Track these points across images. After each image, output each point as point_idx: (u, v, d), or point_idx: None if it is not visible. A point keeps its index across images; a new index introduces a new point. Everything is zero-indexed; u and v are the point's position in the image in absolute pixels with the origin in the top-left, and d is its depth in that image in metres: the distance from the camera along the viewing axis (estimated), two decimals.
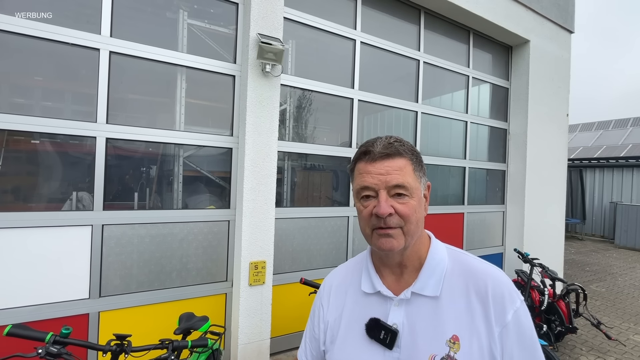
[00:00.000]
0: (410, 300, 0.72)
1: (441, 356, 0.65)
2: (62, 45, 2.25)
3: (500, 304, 0.67)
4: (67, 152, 2.34)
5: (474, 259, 0.75)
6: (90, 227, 2.34)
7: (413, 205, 0.70)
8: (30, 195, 2.25)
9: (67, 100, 2.39)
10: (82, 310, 2.32)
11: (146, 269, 2.55)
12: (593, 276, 6.46)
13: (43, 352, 1.10)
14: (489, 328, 0.65)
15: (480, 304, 0.68)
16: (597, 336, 3.77)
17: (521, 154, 4.81)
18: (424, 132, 4.12)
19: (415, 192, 0.71)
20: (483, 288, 0.69)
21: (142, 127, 2.52)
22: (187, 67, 2.71)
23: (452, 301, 0.69)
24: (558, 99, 5.14)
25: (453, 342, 0.66)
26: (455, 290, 0.70)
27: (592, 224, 11.18)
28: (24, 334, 1.11)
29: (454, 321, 0.68)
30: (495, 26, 4.38)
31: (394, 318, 0.72)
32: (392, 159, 0.71)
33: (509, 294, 0.68)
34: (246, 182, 2.66)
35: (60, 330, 1.18)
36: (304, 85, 3.22)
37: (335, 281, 0.87)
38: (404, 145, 0.74)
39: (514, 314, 0.66)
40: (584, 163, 11.94)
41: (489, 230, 4.86)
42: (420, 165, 0.75)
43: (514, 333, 0.65)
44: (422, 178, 0.75)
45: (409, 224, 0.70)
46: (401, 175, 0.69)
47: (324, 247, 3.39)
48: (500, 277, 0.70)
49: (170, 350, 1.32)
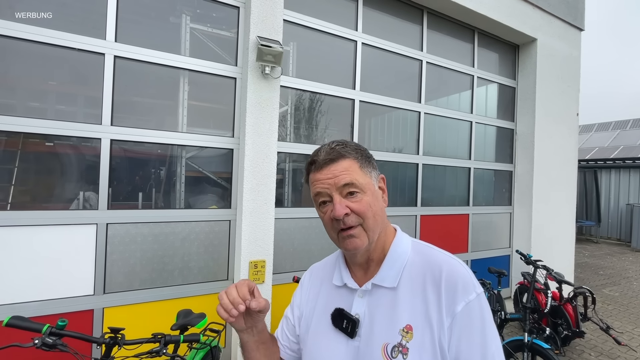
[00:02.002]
0: (372, 291, 0.74)
1: (393, 344, 0.67)
2: (69, 51, 2.34)
3: (453, 294, 0.67)
4: (74, 154, 2.43)
5: (438, 251, 0.76)
6: (95, 225, 2.42)
7: (367, 201, 0.72)
8: (38, 195, 2.35)
9: (73, 103, 2.48)
10: (87, 306, 2.40)
11: (149, 267, 2.61)
12: (607, 280, 6.28)
13: (39, 342, 1.15)
14: (440, 318, 0.66)
15: (435, 293, 0.68)
16: (607, 341, 3.66)
17: (529, 155, 4.73)
18: (428, 132, 4.10)
19: (367, 187, 0.74)
20: (437, 276, 0.69)
21: (145, 129, 2.59)
22: (189, 70, 2.78)
23: (409, 292, 0.71)
24: (567, 98, 5.03)
25: (406, 332, 0.67)
26: (414, 281, 0.71)
27: (608, 226, 10.85)
28: (22, 325, 1.17)
29: (409, 311, 0.69)
30: (501, 25, 4.33)
31: (356, 308, 0.74)
32: (337, 162, 0.74)
33: (464, 284, 0.67)
34: (246, 182, 2.70)
35: (57, 322, 1.23)
36: (305, 87, 3.25)
37: (313, 275, 0.91)
38: (347, 147, 0.77)
39: (465, 305, 0.65)
40: (599, 164, 11.61)
41: (496, 232, 4.78)
42: (368, 161, 0.78)
43: (463, 325, 0.65)
44: (373, 172, 0.78)
45: (367, 219, 0.72)
46: (348, 175, 0.72)
47: (325, 247, 3.40)
48: (456, 267, 0.70)
49: (163, 344, 1.36)
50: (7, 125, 2.17)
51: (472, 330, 0.65)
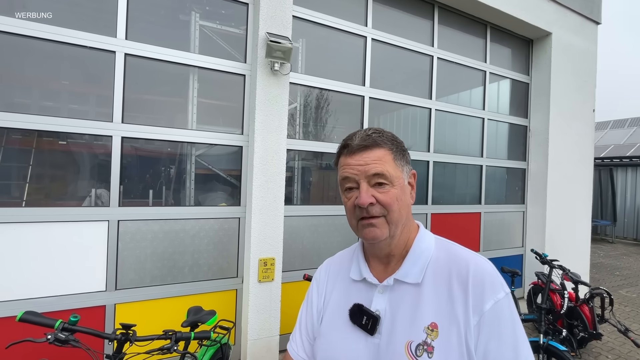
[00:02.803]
0: (393, 287, 0.71)
1: (417, 342, 0.64)
2: (80, 49, 2.36)
3: (480, 292, 0.64)
4: (86, 151, 2.45)
5: (462, 249, 0.73)
6: (107, 222, 2.44)
7: (395, 194, 0.70)
8: (51, 192, 2.38)
9: (85, 101, 2.50)
10: (99, 302, 2.42)
11: (159, 264, 2.63)
12: (623, 281, 6.11)
13: (52, 338, 1.15)
14: (467, 316, 0.63)
15: (462, 290, 0.66)
16: (625, 343, 3.55)
17: (543, 152, 4.61)
18: (439, 129, 4.03)
19: (397, 180, 0.71)
20: (464, 274, 0.67)
21: (155, 127, 2.60)
22: (198, 67, 2.78)
23: (434, 289, 0.68)
24: (583, 93, 4.89)
25: (431, 330, 0.65)
26: (439, 277, 0.69)
27: (624, 226, 10.56)
28: (35, 320, 1.18)
29: (434, 308, 0.66)
30: (514, 19, 4.22)
31: (377, 304, 0.72)
32: (371, 149, 0.71)
33: (491, 282, 0.65)
34: (255, 179, 2.69)
35: (69, 318, 1.24)
36: (314, 84, 3.22)
37: (326, 269, 0.89)
38: (383, 136, 0.74)
39: (494, 304, 0.63)
40: (614, 162, 11.30)
41: (508, 230, 4.69)
42: (402, 154, 0.75)
43: (491, 324, 0.62)
44: (405, 166, 0.75)
45: (392, 212, 0.69)
46: (380, 165, 0.70)
47: (334, 245, 3.37)
48: (483, 265, 0.68)
49: (174, 340, 1.36)
50: (21, 122, 2.19)
51: (502, 330, 0.62)
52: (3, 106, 2.19)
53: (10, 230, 2.16)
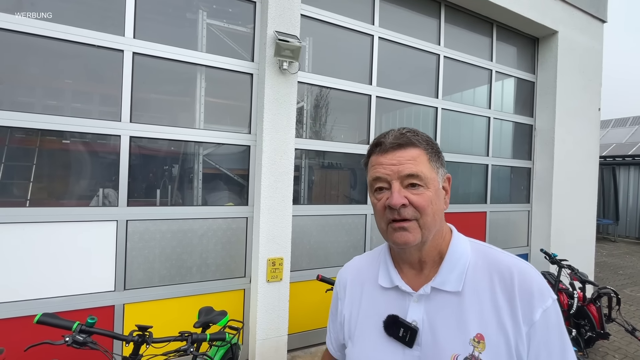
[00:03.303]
0: (430, 296, 0.68)
1: (464, 356, 0.62)
2: (89, 48, 2.34)
3: (529, 300, 0.62)
4: (94, 151, 2.44)
5: (501, 252, 0.71)
6: (116, 222, 2.43)
7: (429, 196, 0.66)
8: (60, 192, 2.36)
9: (93, 100, 2.49)
10: (108, 302, 2.41)
11: (168, 264, 2.62)
12: (627, 280, 6.10)
13: (70, 340, 1.14)
14: (517, 326, 0.61)
15: (507, 299, 0.63)
16: (632, 343, 3.55)
17: (548, 151, 4.60)
18: (445, 128, 4.01)
19: (432, 182, 0.68)
20: (509, 283, 0.64)
21: (163, 126, 2.59)
22: (206, 66, 2.76)
23: (476, 297, 0.65)
24: (589, 92, 4.87)
25: (477, 341, 0.62)
26: (480, 285, 0.66)
27: (626, 225, 10.55)
28: (53, 322, 1.17)
29: (478, 318, 0.64)
30: (521, 17, 4.20)
31: (413, 315, 0.69)
32: (405, 149, 0.68)
33: (539, 290, 0.63)
34: (264, 179, 2.68)
35: (86, 320, 1.23)
36: (321, 83, 3.20)
37: (350, 274, 0.85)
38: (418, 135, 0.71)
39: (543, 312, 0.62)
40: (617, 160, 11.27)
41: (514, 230, 4.68)
42: (437, 155, 0.72)
43: (542, 333, 0.61)
44: (440, 169, 0.71)
45: (425, 215, 0.66)
46: (414, 165, 0.67)
47: (342, 245, 3.37)
48: (529, 271, 0.66)
49: (190, 342, 1.35)
50: (28, 122, 2.18)
51: (551, 338, 0.62)
52: (10, 105, 2.18)
53: (18, 230, 2.15)
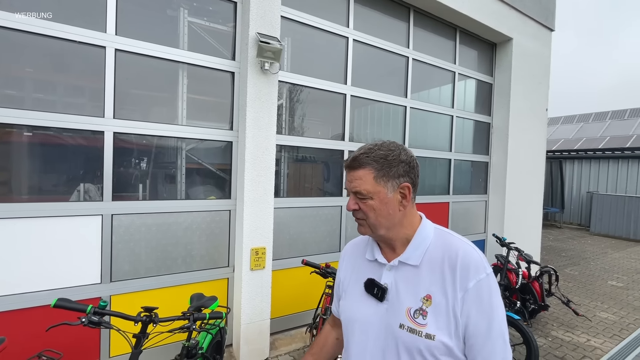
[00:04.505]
0: (398, 267, 0.92)
1: (415, 308, 0.86)
2: (71, 44, 2.35)
3: (466, 273, 0.83)
4: (78, 146, 2.46)
5: (455, 237, 0.92)
6: (101, 216, 2.49)
7: (371, 205, 0.88)
8: (44, 187, 2.38)
9: (75, 96, 2.49)
10: (94, 294, 2.48)
11: (153, 256, 2.71)
12: (568, 261, 6.91)
13: (86, 320, 1.27)
14: (454, 291, 0.83)
15: (451, 272, 0.85)
16: (567, 313, 4.13)
17: (503, 147, 5.10)
18: (413, 125, 4.34)
19: (376, 194, 0.88)
20: (454, 259, 0.85)
21: (147, 122, 2.65)
22: (188, 64, 2.84)
23: (429, 269, 0.88)
24: (538, 94, 5.43)
25: (426, 299, 0.85)
26: (434, 260, 0.88)
27: (570, 212, 11.76)
28: (68, 306, 1.28)
29: (429, 284, 0.86)
30: (481, 24, 4.60)
31: (385, 279, 0.93)
32: (354, 170, 0.90)
33: (475, 266, 0.84)
34: (247, 174, 2.83)
35: (99, 303, 1.35)
36: (299, 82, 3.37)
37: (350, 250, 1.11)
38: (370, 156, 0.89)
39: (476, 283, 0.82)
40: (564, 155, 12.46)
41: (473, 218, 5.17)
42: (387, 171, 0.88)
43: (473, 298, 0.82)
44: (390, 182, 0.88)
45: (369, 218, 0.90)
46: (359, 184, 0.89)
47: (319, 235, 3.60)
48: (471, 252, 0.87)
49: (192, 320, 1.51)
50: (10, 117, 2.18)
51: (481, 301, 0.82)
52: None
53: (1, 226, 2.16)
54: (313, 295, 3.54)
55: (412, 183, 0.91)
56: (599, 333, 3.72)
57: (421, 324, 0.83)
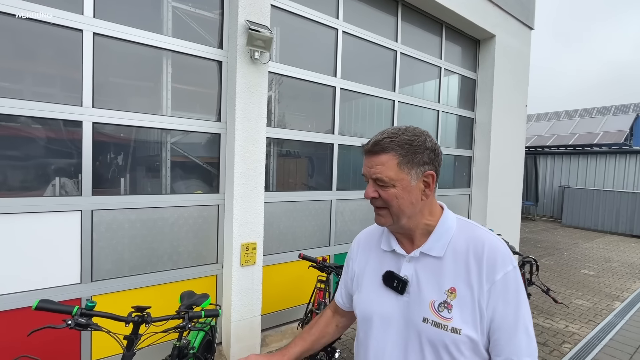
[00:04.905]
0: (419, 258, 0.88)
1: (439, 302, 0.83)
2: (44, 26, 2.17)
3: (493, 265, 0.80)
4: (53, 137, 2.29)
5: (480, 228, 0.89)
6: (80, 212, 2.33)
7: (394, 193, 0.83)
8: (14, 182, 2.19)
9: (51, 83, 2.31)
10: (74, 295, 2.33)
11: (138, 253, 2.58)
12: (543, 251, 7.23)
13: (72, 323, 1.17)
14: (480, 284, 0.80)
15: (476, 264, 0.82)
16: (546, 301, 4.31)
17: (486, 142, 5.23)
18: (401, 120, 4.36)
19: (399, 182, 0.83)
20: (480, 251, 0.82)
21: (128, 112, 2.50)
22: (172, 51, 2.70)
23: (453, 261, 0.84)
24: (519, 91, 5.60)
25: (450, 292, 0.82)
26: (458, 252, 0.85)
27: (544, 205, 12.31)
28: (51, 308, 1.17)
29: (453, 276, 0.83)
30: (466, 20, 4.66)
31: (405, 271, 0.89)
32: (377, 155, 0.84)
33: (502, 258, 0.81)
34: (237, 167, 2.74)
35: (86, 304, 1.25)
36: (288, 73, 3.29)
37: (363, 240, 1.06)
38: (394, 140, 0.83)
39: (503, 275, 0.79)
40: (538, 150, 12.99)
41: (457, 211, 5.25)
42: (411, 157, 0.83)
43: (500, 290, 0.79)
44: (414, 169, 0.84)
45: (391, 207, 0.85)
46: (381, 171, 0.83)
47: (309, 229, 3.56)
48: (497, 244, 0.84)
49: (187, 319, 1.44)
50: None
51: (508, 295, 0.79)
52: None
53: None
54: (303, 291, 3.50)
55: (435, 171, 0.87)
56: (575, 319, 3.90)
57: (446, 317, 0.80)
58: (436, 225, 0.89)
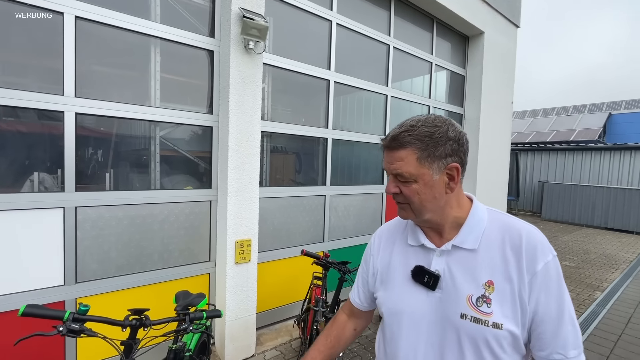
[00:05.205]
0: (451, 251, 0.84)
1: (477, 296, 0.78)
2: (21, 7, 1.99)
3: (532, 255, 0.77)
4: (31, 129, 2.11)
5: (513, 218, 0.85)
6: (62, 209, 2.17)
7: (415, 189, 0.81)
8: None
9: (28, 70, 2.13)
10: (57, 297, 2.18)
11: (126, 252, 2.44)
12: None
13: (64, 329, 1.06)
14: (521, 275, 0.76)
15: (514, 255, 0.78)
16: None
17: (474, 138, 5.30)
18: (393, 115, 4.34)
19: (419, 177, 0.80)
20: (518, 242, 0.78)
21: (114, 102, 2.35)
22: (161, 38, 2.55)
23: (488, 253, 0.80)
24: (505, 87, 5.70)
25: (488, 286, 0.78)
26: (493, 244, 0.81)
27: (524, 200, 12.71)
28: (40, 313, 1.06)
29: (489, 269, 0.79)
30: (456, 16, 4.68)
31: (436, 265, 0.85)
32: (396, 150, 0.81)
33: (542, 248, 0.78)
34: (230, 161, 2.63)
35: (79, 307, 1.14)
36: (281, 65, 3.19)
37: (384, 236, 1.01)
38: (413, 134, 0.79)
39: (544, 265, 0.76)
40: (519, 147, 13.38)
41: None
42: (432, 151, 0.79)
43: (541, 281, 0.75)
44: (436, 163, 0.80)
45: (412, 203, 0.82)
46: (400, 166, 0.81)
47: (303, 225, 3.49)
48: (535, 233, 0.80)
49: (189, 321, 1.35)
50: None
51: (550, 285, 0.76)
52: None
53: None
54: (297, 288, 3.45)
55: (460, 162, 0.82)
56: None
57: (486, 312, 0.76)
58: (466, 217, 0.85)
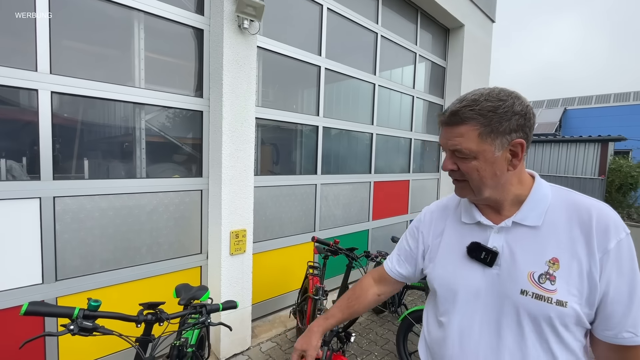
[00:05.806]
0: (511, 228, 0.82)
1: (540, 273, 0.76)
2: None
3: (604, 233, 0.73)
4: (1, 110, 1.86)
5: (580, 195, 0.81)
6: (39, 199, 1.95)
7: (474, 165, 0.79)
8: None
9: None
10: (34, 297, 1.97)
11: (111, 246, 2.26)
12: None
13: (75, 328, 0.93)
14: (591, 253, 0.73)
15: (584, 233, 0.75)
16: None
17: None
18: (380, 104, 4.35)
19: (480, 153, 0.77)
20: (587, 220, 0.75)
21: (94, 81, 2.13)
22: (145, 12, 2.34)
23: (553, 231, 0.77)
24: (482, 80, 5.91)
25: (552, 263, 0.75)
26: (558, 222, 0.78)
27: None
28: (46, 311, 0.93)
29: (554, 246, 0.76)
30: (440, 7, 4.74)
31: (494, 242, 0.83)
32: (455, 126, 0.79)
33: (615, 225, 0.74)
34: (224, 148, 2.49)
35: (89, 303, 1.01)
36: (272, 48, 3.07)
37: (435, 214, 1.00)
38: (474, 110, 0.76)
39: (617, 243, 0.73)
40: None
41: (426, 195, 5.49)
42: (496, 126, 0.76)
43: (614, 260, 0.72)
44: (499, 139, 0.76)
45: (471, 180, 0.81)
46: (459, 142, 0.78)
47: (295, 215, 3.43)
48: (606, 210, 0.77)
49: (206, 313, 1.26)
50: None
51: (622, 264, 0.72)
52: None
53: None
54: (288, 279, 3.39)
55: (525, 138, 0.78)
56: None
57: (549, 289, 0.75)
58: (528, 194, 0.83)
